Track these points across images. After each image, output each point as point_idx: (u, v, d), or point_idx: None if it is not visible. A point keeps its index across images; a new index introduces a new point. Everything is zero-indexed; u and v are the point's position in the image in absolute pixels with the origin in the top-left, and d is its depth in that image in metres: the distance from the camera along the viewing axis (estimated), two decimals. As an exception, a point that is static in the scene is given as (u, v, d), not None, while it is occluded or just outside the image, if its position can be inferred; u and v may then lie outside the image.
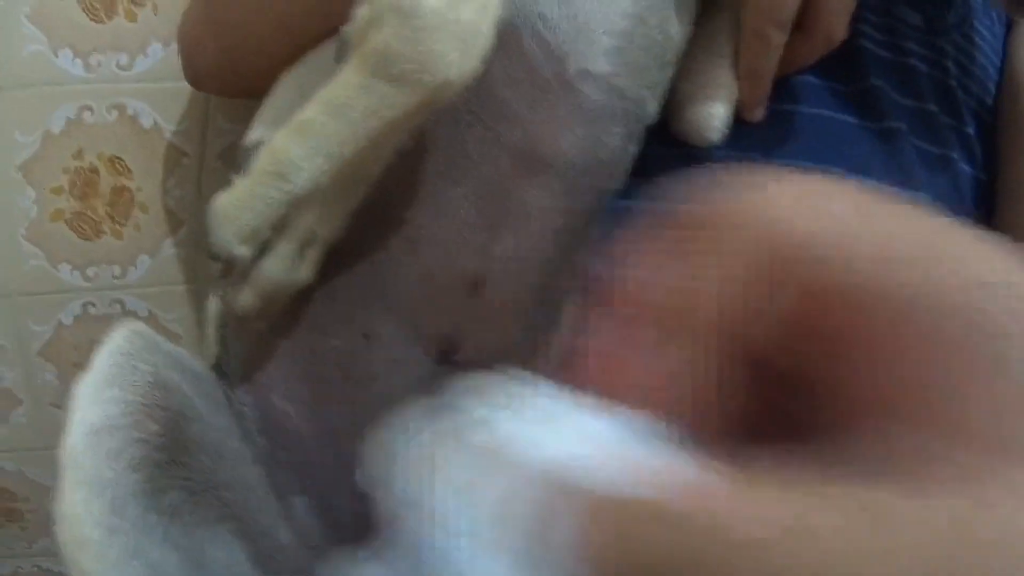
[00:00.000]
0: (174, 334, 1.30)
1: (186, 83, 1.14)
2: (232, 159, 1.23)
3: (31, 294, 1.25)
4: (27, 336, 1.28)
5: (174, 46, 1.15)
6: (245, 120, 1.12)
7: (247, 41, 0.84)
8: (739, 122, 0.74)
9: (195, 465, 0.65)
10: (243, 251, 0.60)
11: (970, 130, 0.83)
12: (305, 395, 0.69)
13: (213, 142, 1.23)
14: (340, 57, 0.59)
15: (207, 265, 1.27)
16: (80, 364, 1.23)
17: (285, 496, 0.70)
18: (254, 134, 0.78)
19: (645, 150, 0.72)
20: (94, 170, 1.20)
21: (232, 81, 0.97)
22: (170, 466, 0.63)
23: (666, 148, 0.72)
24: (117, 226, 1.23)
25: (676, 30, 0.68)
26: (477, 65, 0.56)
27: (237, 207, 0.60)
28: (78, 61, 1.17)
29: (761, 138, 0.76)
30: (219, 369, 0.74)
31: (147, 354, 0.67)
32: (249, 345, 0.71)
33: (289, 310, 0.67)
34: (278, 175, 0.58)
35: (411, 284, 0.67)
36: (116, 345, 0.66)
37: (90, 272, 1.25)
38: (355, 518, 0.67)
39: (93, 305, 1.27)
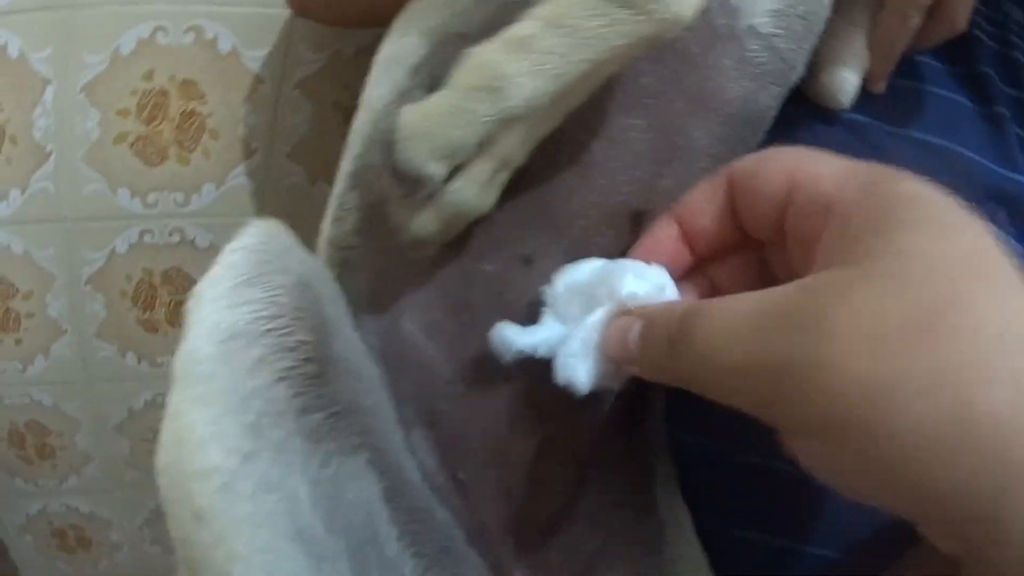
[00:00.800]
0: None
1: (268, 9, 1.13)
2: (310, 89, 1.20)
3: (87, 219, 1.21)
4: (78, 263, 1.24)
5: None
6: (329, 49, 1.13)
7: None
8: (863, 92, 0.77)
9: (340, 385, 0.57)
10: (437, 170, 0.55)
11: None
12: (445, 323, 0.63)
13: (292, 71, 1.19)
14: None
15: (275, 197, 1.24)
16: (128, 294, 1.24)
17: (407, 429, 0.64)
18: (396, 47, 0.71)
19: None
20: (164, 93, 1.16)
21: (341, 7, 0.93)
22: (319, 382, 0.55)
23: (794, 106, 0.72)
24: (184, 152, 1.19)
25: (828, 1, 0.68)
26: (704, 4, 0.55)
27: (438, 121, 0.55)
28: None
29: (883, 108, 0.78)
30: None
31: (291, 254, 0.60)
32: (380, 268, 0.66)
33: None
34: (492, 90, 0.54)
35: (579, 209, 0.63)
36: (253, 241, 0.58)
37: (151, 198, 1.21)
38: (477, 465, 0.63)
39: (151, 233, 1.23)
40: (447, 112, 0.55)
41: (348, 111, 1.14)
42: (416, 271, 0.63)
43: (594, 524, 0.64)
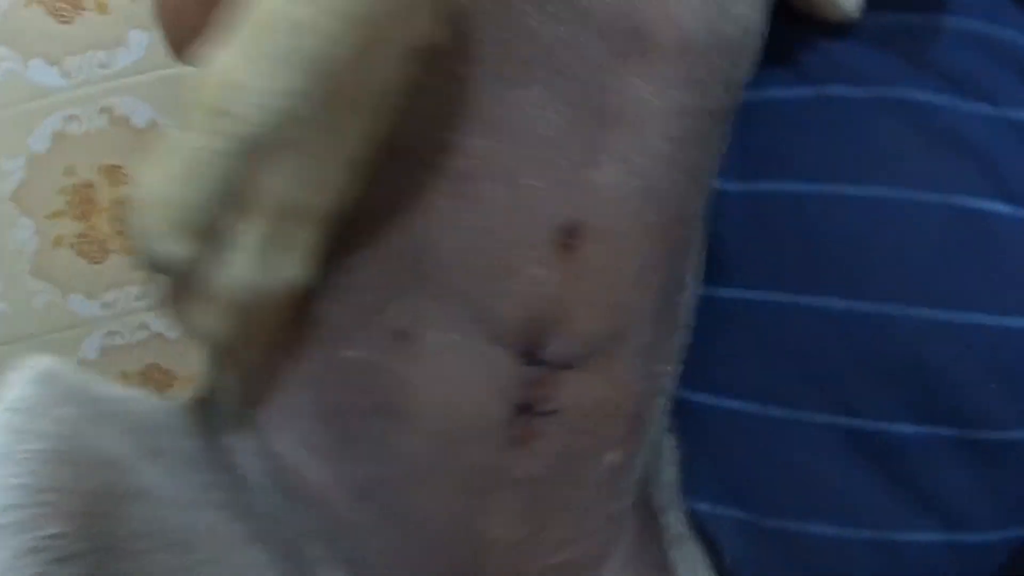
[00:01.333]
0: None
1: (175, 71, 1.02)
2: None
3: (47, 332, 1.16)
4: (49, 380, 1.17)
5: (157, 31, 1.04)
6: None
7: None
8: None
9: (144, 567, 0.45)
10: (186, 248, 0.41)
11: None
12: (318, 435, 0.50)
13: (222, 130, 1.10)
14: None
15: None
16: None
17: (314, 570, 0.51)
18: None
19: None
20: (89, 185, 1.10)
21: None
22: None
23: (791, 25, 0.63)
24: (126, 240, 1.10)
25: None
26: None
27: (166, 179, 0.40)
28: (53, 69, 1.07)
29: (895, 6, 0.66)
30: (208, 396, 0.55)
31: (56, 409, 0.46)
32: (242, 375, 0.52)
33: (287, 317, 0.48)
34: (219, 113, 0.39)
35: (467, 250, 0.47)
36: (15, 396, 0.46)
37: (107, 298, 1.15)
38: None
39: (118, 334, 1.17)
40: (174, 164, 0.41)
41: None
42: (274, 372, 0.50)
43: None
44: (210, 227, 0.41)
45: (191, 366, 1.18)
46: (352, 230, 0.45)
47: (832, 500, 0.61)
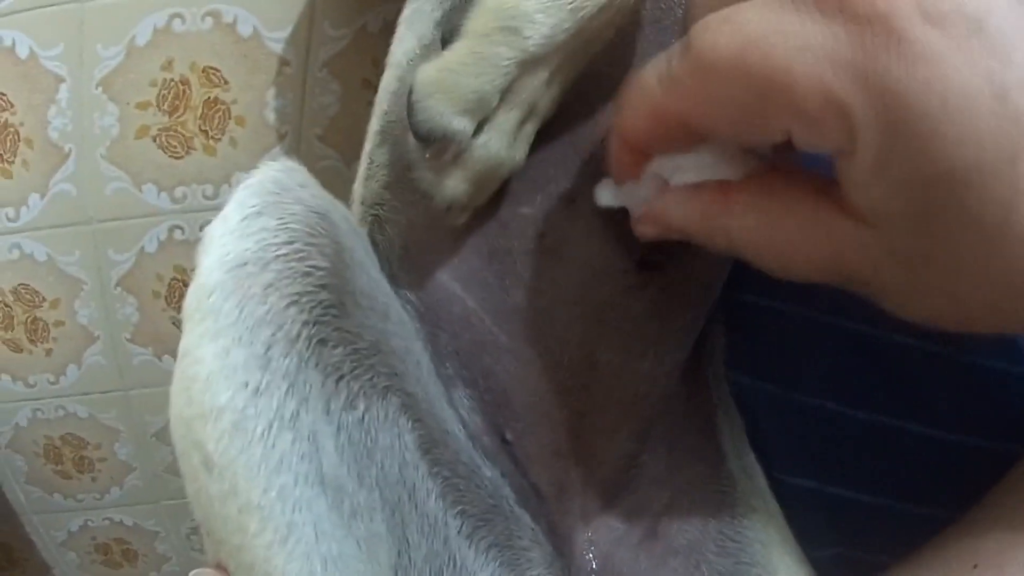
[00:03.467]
0: None
1: None
2: (338, 69, 1.15)
3: (112, 219, 1.18)
4: (106, 266, 1.20)
5: None
6: (353, 25, 1.08)
7: None
8: None
9: (364, 320, 0.53)
10: (464, 125, 0.51)
11: None
12: (484, 273, 0.59)
13: (317, 50, 1.14)
14: None
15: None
16: (161, 294, 1.20)
17: (448, 387, 0.60)
18: (403, 32, 0.67)
19: None
20: (185, 82, 1.12)
21: None
22: (337, 313, 0.51)
23: None
24: (211, 142, 1.15)
25: None
26: None
27: (456, 73, 0.51)
28: None
29: None
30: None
31: (305, 190, 0.54)
32: (412, 221, 0.61)
33: None
34: (510, 31, 0.50)
35: None
36: (265, 176, 0.53)
37: (178, 192, 1.17)
38: (526, 425, 0.59)
39: (180, 229, 1.19)
40: (464, 62, 0.51)
41: (377, 88, 1.12)
42: (447, 222, 0.59)
43: (659, 482, 0.62)
44: (485, 112, 0.51)
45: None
46: (546, 122, 0.56)
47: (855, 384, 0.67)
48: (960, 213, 0.36)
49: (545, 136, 0.57)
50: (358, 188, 0.66)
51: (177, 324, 1.24)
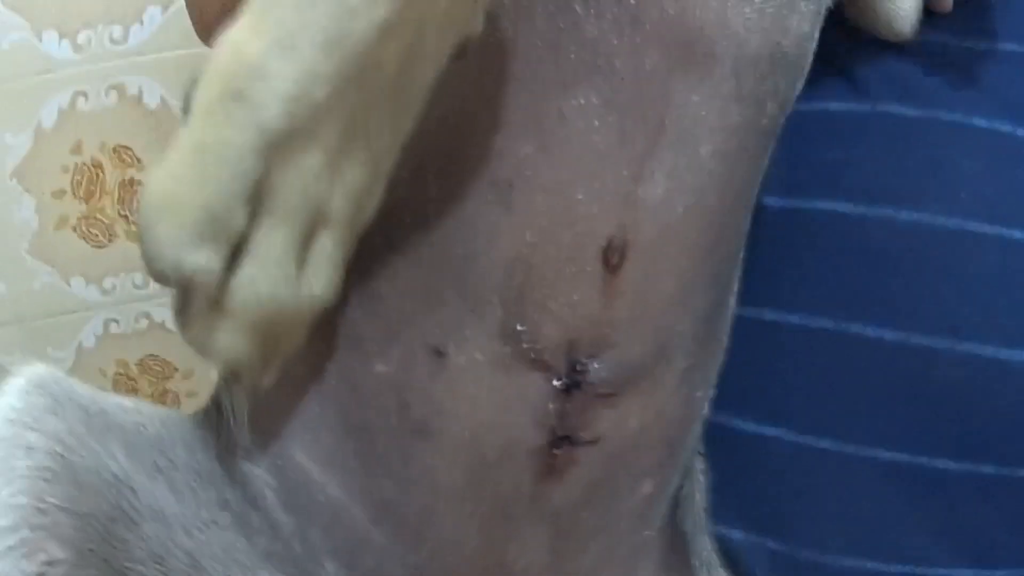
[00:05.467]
0: None
1: (192, 50, 0.99)
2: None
3: (45, 316, 1.13)
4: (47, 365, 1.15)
5: (173, 9, 1.03)
6: None
7: None
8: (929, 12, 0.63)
9: None
10: (203, 259, 0.34)
11: None
12: (342, 452, 0.49)
13: (235, 115, 1.06)
14: None
15: None
16: (107, 390, 1.15)
17: (317, 558, 0.50)
18: None
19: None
20: (97, 164, 1.07)
21: None
22: None
23: (849, 40, 0.62)
24: (132, 226, 1.09)
25: None
26: None
27: (180, 178, 0.35)
28: (65, 42, 1.05)
29: (960, 23, 0.65)
30: (215, 410, 0.53)
31: (50, 417, 0.45)
32: (255, 390, 0.49)
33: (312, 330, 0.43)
34: (236, 98, 0.34)
35: (509, 264, 0.45)
36: (7, 404, 0.45)
37: (107, 283, 1.12)
38: None
39: (115, 322, 1.14)
40: (185, 162, 0.35)
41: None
42: (299, 383, 0.49)
43: None
44: (230, 234, 0.35)
45: (191, 359, 1.15)
46: (386, 238, 0.44)
47: (869, 534, 0.60)
48: None
49: (399, 255, 0.45)
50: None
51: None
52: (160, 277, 0.35)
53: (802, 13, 0.50)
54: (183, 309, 0.37)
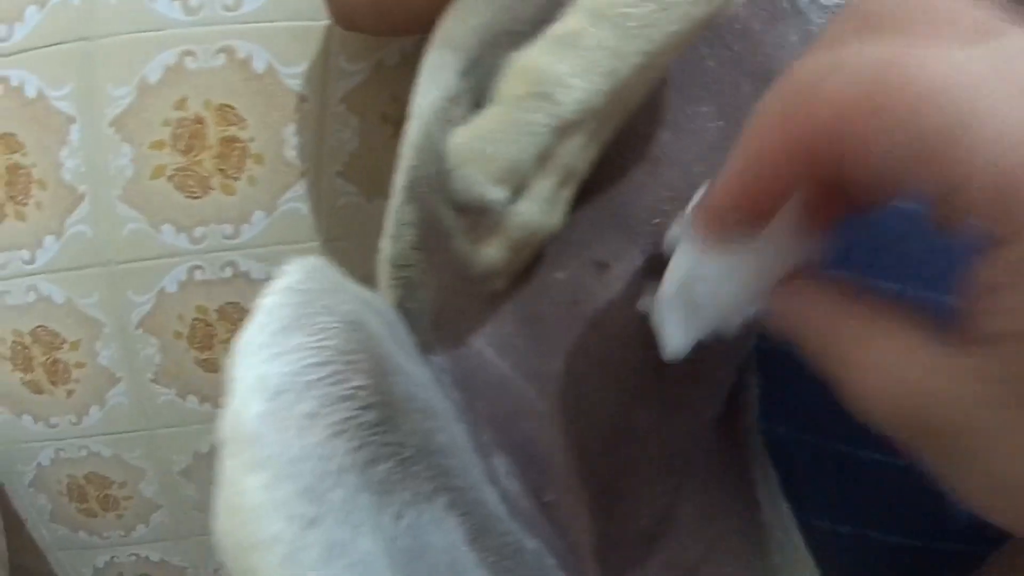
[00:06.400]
0: None
1: (301, 22, 1.06)
2: (356, 103, 1.14)
3: (130, 260, 1.16)
4: (126, 307, 1.18)
5: None
6: (370, 58, 1.07)
7: None
8: None
9: (407, 427, 0.51)
10: (501, 194, 0.53)
11: None
12: (517, 338, 0.60)
13: (335, 85, 1.12)
14: None
15: (330, 218, 1.18)
16: (183, 335, 1.19)
17: (486, 457, 0.59)
18: (443, 49, 0.67)
19: None
20: (200, 120, 1.09)
21: (392, 13, 0.88)
22: (383, 429, 0.50)
23: None
24: (228, 180, 1.13)
25: None
26: None
27: (491, 140, 0.52)
28: (176, 3, 1.07)
29: None
30: (402, 315, 0.64)
31: (335, 293, 0.54)
32: (443, 285, 0.62)
33: None
34: (543, 96, 0.51)
35: (652, 207, 0.59)
36: (292, 281, 0.53)
37: (197, 233, 1.15)
38: (565, 485, 0.60)
39: (200, 269, 1.17)
40: (499, 129, 0.52)
41: (397, 123, 1.09)
42: (483, 288, 0.60)
43: (694, 534, 0.63)
44: (519, 181, 0.53)
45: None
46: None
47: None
48: None
49: (579, 197, 0.57)
50: (385, 246, 0.66)
51: (200, 364, 1.23)
52: (460, 204, 0.54)
53: None
54: (469, 229, 0.55)
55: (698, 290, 0.45)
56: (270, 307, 0.51)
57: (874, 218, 0.63)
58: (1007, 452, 0.32)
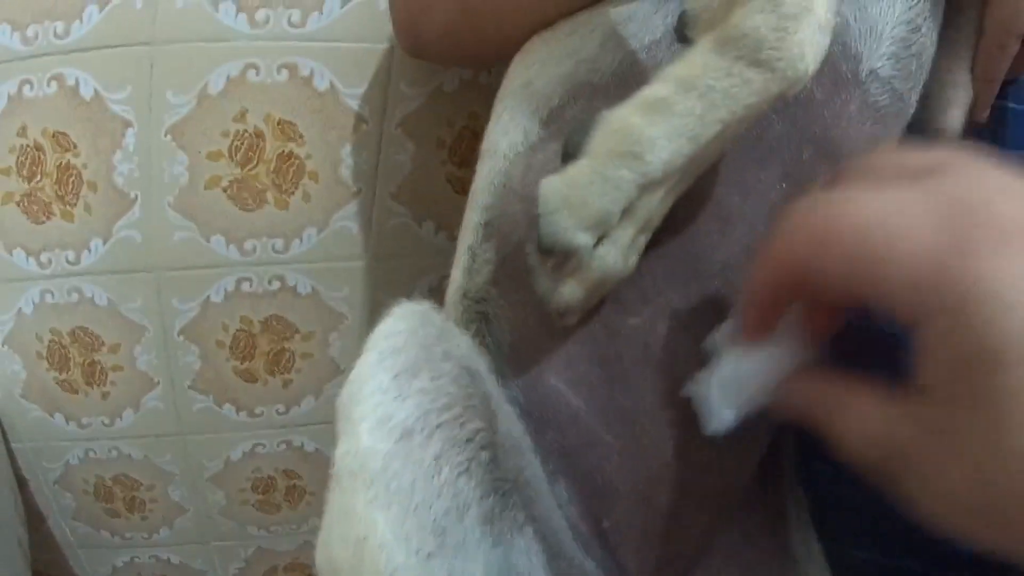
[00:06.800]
0: (338, 313, 1.22)
1: (365, 44, 1.07)
2: (413, 127, 1.14)
3: (177, 268, 1.16)
4: (169, 314, 1.18)
5: (354, 2, 1.07)
6: (429, 84, 1.08)
7: (488, 3, 0.79)
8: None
9: (508, 463, 0.58)
10: (586, 240, 0.57)
11: None
12: (591, 376, 0.64)
13: (394, 108, 1.13)
14: (680, 30, 0.59)
15: (380, 239, 1.19)
16: (225, 344, 1.19)
17: (553, 484, 0.65)
18: (506, 126, 0.73)
19: None
20: (259, 134, 1.10)
21: (463, 47, 0.89)
22: (493, 466, 0.56)
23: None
24: (283, 195, 1.13)
25: (935, 36, 0.69)
26: (823, 58, 0.56)
27: (583, 191, 0.56)
28: (242, 16, 1.07)
29: (987, 134, 0.79)
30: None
31: (448, 339, 0.60)
32: (519, 321, 0.67)
33: None
34: (633, 156, 0.55)
35: (722, 261, 0.64)
36: (408, 326, 0.59)
37: (248, 245, 1.15)
38: (623, 513, 0.64)
39: (248, 281, 1.18)
40: (591, 181, 0.55)
41: (452, 148, 1.10)
42: (558, 326, 0.64)
43: (730, 559, 0.67)
44: (604, 228, 0.56)
45: (311, 322, 1.22)
46: (656, 235, 0.61)
47: None
48: (1000, 391, 0.39)
49: (656, 248, 0.61)
50: (458, 279, 0.70)
51: (239, 373, 1.23)
52: (548, 247, 0.56)
53: (891, 135, 0.66)
54: (554, 269, 0.59)
55: (740, 378, 0.54)
56: (386, 350, 0.56)
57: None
58: (947, 473, 0.42)
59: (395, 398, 0.54)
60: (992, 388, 0.39)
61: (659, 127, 0.54)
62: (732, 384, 0.54)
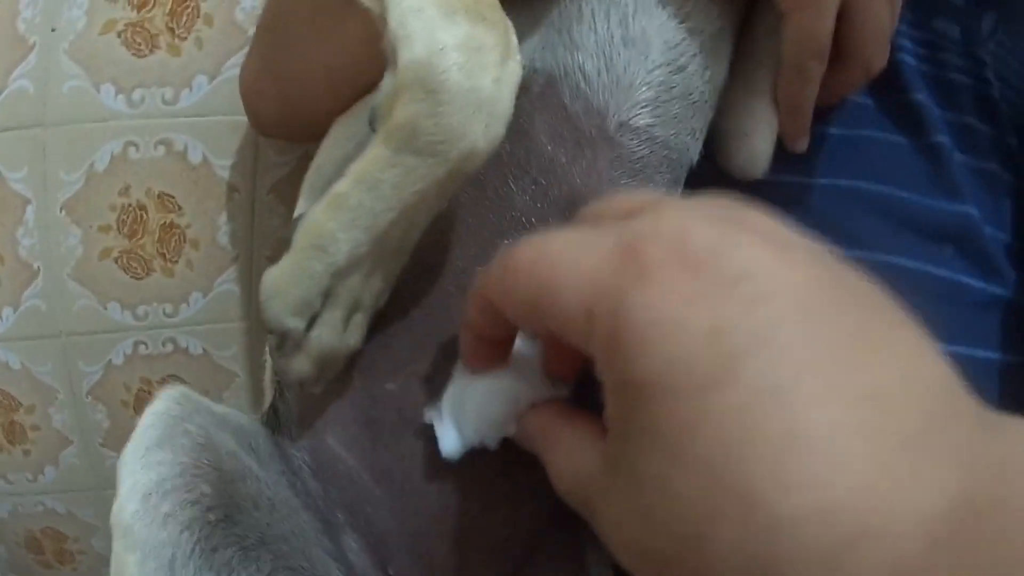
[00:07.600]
0: (229, 371, 1.27)
1: (233, 117, 1.13)
2: (284, 193, 1.21)
3: (81, 334, 1.23)
4: (77, 377, 1.25)
5: (220, 79, 1.14)
6: (295, 151, 1.13)
7: (303, 90, 0.87)
8: (784, 148, 0.75)
9: (248, 522, 0.65)
10: (295, 323, 0.62)
11: (1012, 140, 0.78)
12: (360, 437, 0.70)
13: (264, 176, 1.20)
14: (372, 123, 0.60)
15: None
16: (129, 403, 1.25)
17: (338, 536, 0.70)
18: (301, 205, 0.83)
19: (693, 181, 0.72)
20: (142, 207, 1.16)
21: (294, 127, 0.97)
22: (223, 524, 0.63)
23: (714, 180, 0.68)
24: (168, 264, 1.20)
25: (713, 72, 0.70)
26: (502, 133, 0.57)
27: (285, 281, 0.61)
28: (121, 97, 1.14)
29: (806, 162, 0.77)
30: (273, 413, 0.76)
31: (195, 416, 0.67)
32: (298, 393, 0.72)
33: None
34: (318, 248, 0.59)
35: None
36: (163, 408, 0.67)
37: (140, 311, 1.22)
38: (404, 561, 0.69)
39: (144, 344, 1.24)
40: (289, 271, 0.60)
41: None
42: (334, 393, 0.69)
43: None
44: (310, 312, 0.61)
45: (204, 383, 1.28)
46: (395, 313, 0.67)
47: None
48: (651, 425, 0.39)
49: (405, 320, 0.67)
50: (268, 356, 0.77)
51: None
52: (271, 328, 0.61)
53: (658, 182, 0.68)
54: (277, 348, 0.63)
55: (466, 406, 0.57)
56: (144, 427, 0.65)
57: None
58: (628, 522, 0.41)
59: (143, 467, 0.62)
60: (647, 421, 0.38)
61: (336, 221, 0.58)
62: (458, 407, 0.58)
